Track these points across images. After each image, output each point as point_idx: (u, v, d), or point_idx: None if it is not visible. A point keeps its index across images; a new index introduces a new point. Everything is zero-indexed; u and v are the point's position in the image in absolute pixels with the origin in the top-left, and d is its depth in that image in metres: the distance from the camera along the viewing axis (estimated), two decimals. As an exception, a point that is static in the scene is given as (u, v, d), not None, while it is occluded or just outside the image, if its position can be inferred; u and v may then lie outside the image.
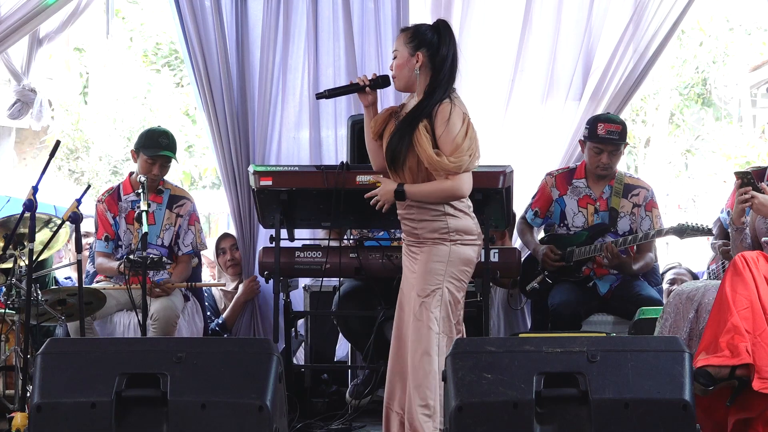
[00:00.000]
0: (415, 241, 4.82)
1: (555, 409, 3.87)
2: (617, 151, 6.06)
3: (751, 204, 4.79)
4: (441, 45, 4.79)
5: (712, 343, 4.44)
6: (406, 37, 4.81)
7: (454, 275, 4.76)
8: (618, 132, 6.02)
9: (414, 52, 4.76)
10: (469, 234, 4.80)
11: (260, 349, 4.09)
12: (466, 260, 4.80)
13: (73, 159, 15.75)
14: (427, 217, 4.77)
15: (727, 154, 15.90)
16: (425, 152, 4.66)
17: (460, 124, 4.71)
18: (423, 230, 4.78)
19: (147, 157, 6.15)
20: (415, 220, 4.80)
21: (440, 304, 4.73)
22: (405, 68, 4.78)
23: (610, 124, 6.02)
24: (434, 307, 4.72)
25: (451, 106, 4.75)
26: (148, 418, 3.94)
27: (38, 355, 4.09)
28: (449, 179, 4.70)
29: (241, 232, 6.64)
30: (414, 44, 4.77)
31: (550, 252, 6.06)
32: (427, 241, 4.78)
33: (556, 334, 5.27)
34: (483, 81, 6.71)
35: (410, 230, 4.84)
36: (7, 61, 7.01)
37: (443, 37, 4.80)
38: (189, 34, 6.61)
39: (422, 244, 4.79)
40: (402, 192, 4.75)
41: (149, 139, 6.21)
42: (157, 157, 6.14)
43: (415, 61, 4.76)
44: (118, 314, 6.16)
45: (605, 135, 6.00)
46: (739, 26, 15.93)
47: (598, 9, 6.65)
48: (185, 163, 15.31)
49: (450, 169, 4.67)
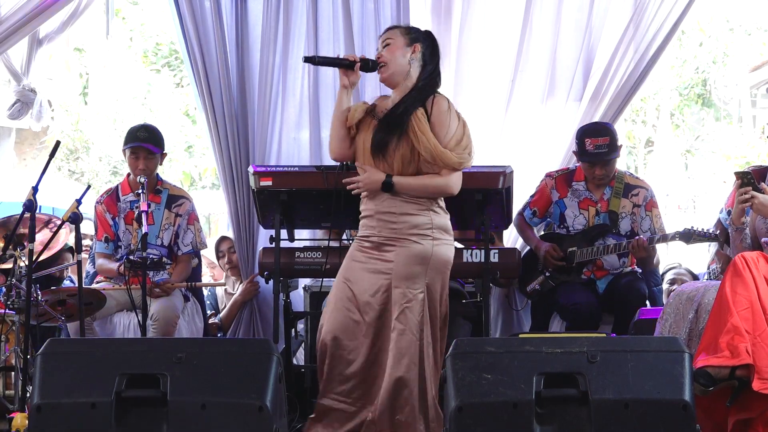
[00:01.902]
0: (387, 239, 4.70)
1: (555, 409, 3.87)
2: (610, 162, 6.07)
3: (751, 204, 4.79)
4: (435, 48, 4.83)
5: (712, 344, 4.44)
6: (402, 30, 4.82)
7: (436, 278, 4.70)
8: (606, 145, 6.01)
9: (411, 44, 4.77)
10: (448, 233, 4.77)
11: (260, 350, 4.09)
12: (447, 262, 4.75)
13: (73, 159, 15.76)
14: (411, 210, 4.68)
15: (727, 155, 15.90)
16: (429, 141, 4.62)
17: (458, 121, 4.70)
18: (404, 225, 4.69)
19: (129, 152, 6.17)
20: (396, 213, 4.69)
21: (422, 309, 4.66)
22: (399, 55, 4.75)
23: (597, 139, 6.01)
24: (418, 313, 4.64)
25: (447, 101, 4.73)
26: (148, 419, 3.94)
27: (38, 355, 4.09)
28: (444, 175, 4.67)
29: (239, 233, 6.63)
30: (411, 37, 4.79)
31: (553, 250, 6.06)
32: (404, 240, 4.68)
33: (557, 335, 5.28)
34: (483, 81, 6.71)
35: (385, 225, 4.71)
36: (7, 62, 7.01)
37: (436, 44, 4.86)
38: (188, 35, 6.60)
39: (397, 241, 4.68)
40: (390, 183, 4.67)
41: (129, 134, 6.26)
42: (138, 150, 6.15)
43: (412, 51, 4.76)
44: (118, 315, 6.16)
45: (593, 150, 6.00)
46: (739, 26, 15.93)
47: (598, 9, 6.64)
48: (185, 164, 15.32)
49: (453, 164, 4.65)
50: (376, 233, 4.74)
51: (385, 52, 4.77)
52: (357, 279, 4.74)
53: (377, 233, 4.74)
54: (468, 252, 5.47)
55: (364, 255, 4.75)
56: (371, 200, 4.76)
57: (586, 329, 5.67)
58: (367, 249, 4.75)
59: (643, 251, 5.92)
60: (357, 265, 4.76)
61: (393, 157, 4.68)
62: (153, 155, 6.18)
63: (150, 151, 6.16)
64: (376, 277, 4.71)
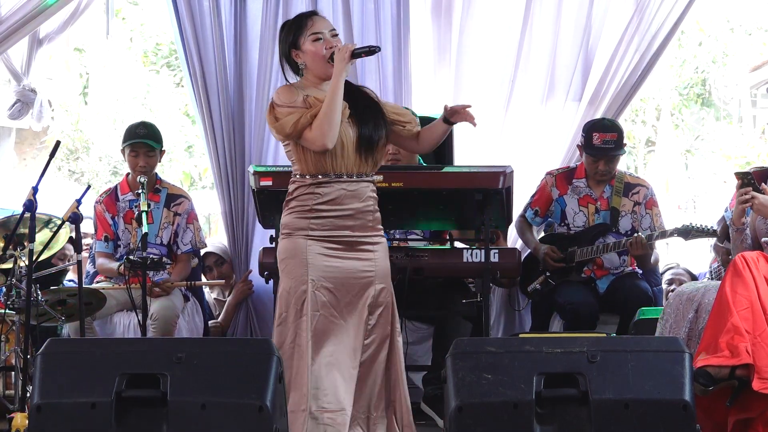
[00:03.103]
0: (370, 234, 4.59)
1: (555, 409, 3.87)
2: (615, 159, 6.07)
3: (751, 204, 4.79)
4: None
5: (711, 344, 4.44)
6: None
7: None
8: (614, 140, 6.02)
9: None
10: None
11: (260, 350, 4.09)
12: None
13: (73, 159, 15.74)
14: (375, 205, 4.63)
15: (727, 155, 15.89)
16: (393, 105, 4.74)
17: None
18: (375, 221, 4.62)
19: (129, 149, 6.17)
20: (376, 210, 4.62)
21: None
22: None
23: (605, 134, 6.01)
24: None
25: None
26: (148, 419, 3.94)
27: (38, 355, 4.09)
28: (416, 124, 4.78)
29: (232, 233, 6.63)
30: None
31: (551, 252, 6.06)
32: (377, 234, 4.62)
33: (557, 335, 5.28)
34: (483, 81, 6.71)
35: (366, 222, 4.59)
36: (7, 62, 7.01)
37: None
38: (185, 34, 6.60)
39: (377, 238, 4.61)
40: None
41: (127, 132, 6.25)
42: (138, 147, 6.15)
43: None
44: (118, 314, 6.16)
45: (601, 145, 6.00)
46: (739, 26, 15.92)
47: (597, 10, 6.65)
48: (185, 164, 15.31)
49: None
50: (360, 231, 4.66)
51: (338, 41, 4.56)
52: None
53: (362, 231, 4.65)
54: (468, 252, 5.47)
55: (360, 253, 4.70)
56: (370, 198, 4.65)
57: (583, 328, 5.67)
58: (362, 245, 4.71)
59: (641, 248, 5.92)
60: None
61: (381, 147, 4.61)
62: (153, 152, 6.18)
63: (150, 148, 6.16)
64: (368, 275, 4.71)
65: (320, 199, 4.51)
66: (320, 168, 4.51)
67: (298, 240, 4.52)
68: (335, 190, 4.50)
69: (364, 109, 4.58)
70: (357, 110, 4.55)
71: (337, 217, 4.52)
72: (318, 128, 4.43)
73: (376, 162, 4.60)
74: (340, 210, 4.51)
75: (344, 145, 4.50)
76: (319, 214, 4.51)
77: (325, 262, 4.52)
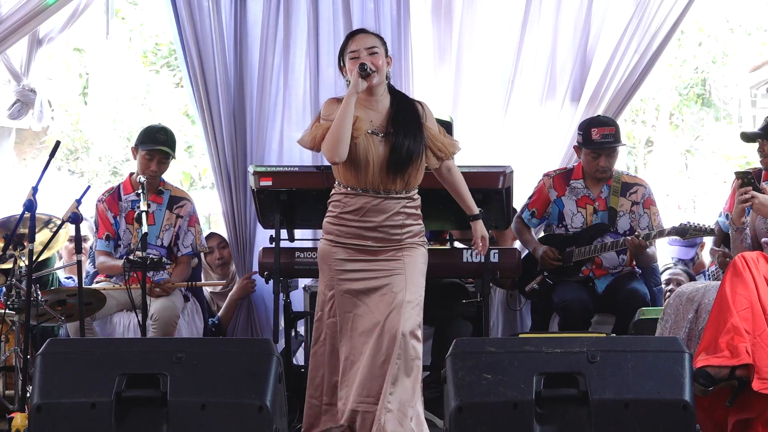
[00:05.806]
0: (394, 246, 4.74)
1: (555, 409, 3.88)
2: (614, 153, 6.07)
3: (751, 204, 4.79)
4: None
5: (711, 344, 4.44)
6: (378, 39, 4.81)
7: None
8: (613, 134, 6.02)
9: (386, 55, 4.80)
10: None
11: (260, 350, 4.09)
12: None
13: (73, 159, 15.74)
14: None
15: (727, 155, 15.89)
16: (439, 138, 4.80)
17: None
18: (407, 234, 4.80)
19: (144, 152, 6.15)
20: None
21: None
22: (383, 64, 4.75)
23: (603, 128, 6.01)
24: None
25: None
26: (148, 419, 3.94)
27: (38, 355, 4.09)
28: (453, 165, 4.93)
29: (234, 233, 6.63)
30: (385, 48, 4.81)
31: (550, 252, 6.06)
32: (407, 246, 4.78)
33: (557, 335, 5.27)
34: (483, 81, 6.72)
35: (391, 235, 4.76)
36: (7, 62, 7.01)
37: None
38: (185, 34, 6.60)
39: (407, 251, 4.77)
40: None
41: (147, 134, 6.22)
42: (155, 153, 6.14)
43: (388, 63, 4.81)
44: (118, 314, 6.16)
45: (600, 139, 6.00)
46: (739, 26, 15.92)
47: (597, 10, 6.65)
48: (185, 164, 15.31)
49: (456, 150, 4.91)
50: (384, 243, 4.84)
51: (373, 59, 4.71)
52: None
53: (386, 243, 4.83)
54: (468, 252, 5.48)
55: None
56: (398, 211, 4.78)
57: (576, 326, 5.68)
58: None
59: (639, 247, 5.93)
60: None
61: (418, 166, 4.73)
62: (167, 159, 6.19)
63: (166, 155, 6.16)
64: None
65: (346, 208, 4.71)
66: (347, 180, 4.72)
67: (326, 246, 4.77)
68: (359, 201, 4.70)
69: (403, 129, 4.71)
70: (395, 128, 4.70)
71: (359, 228, 4.71)
72: (325, 144, 4.65)
73: (407, 181, 4.72)
74: (362, 221, 4.70)
75: (369, 162, 4.67)
76: (343, 222, 4.72)
77: (347, 267, 4.72)
